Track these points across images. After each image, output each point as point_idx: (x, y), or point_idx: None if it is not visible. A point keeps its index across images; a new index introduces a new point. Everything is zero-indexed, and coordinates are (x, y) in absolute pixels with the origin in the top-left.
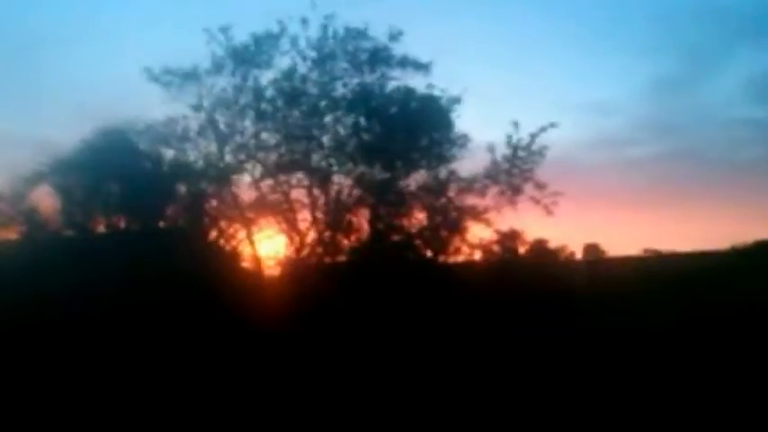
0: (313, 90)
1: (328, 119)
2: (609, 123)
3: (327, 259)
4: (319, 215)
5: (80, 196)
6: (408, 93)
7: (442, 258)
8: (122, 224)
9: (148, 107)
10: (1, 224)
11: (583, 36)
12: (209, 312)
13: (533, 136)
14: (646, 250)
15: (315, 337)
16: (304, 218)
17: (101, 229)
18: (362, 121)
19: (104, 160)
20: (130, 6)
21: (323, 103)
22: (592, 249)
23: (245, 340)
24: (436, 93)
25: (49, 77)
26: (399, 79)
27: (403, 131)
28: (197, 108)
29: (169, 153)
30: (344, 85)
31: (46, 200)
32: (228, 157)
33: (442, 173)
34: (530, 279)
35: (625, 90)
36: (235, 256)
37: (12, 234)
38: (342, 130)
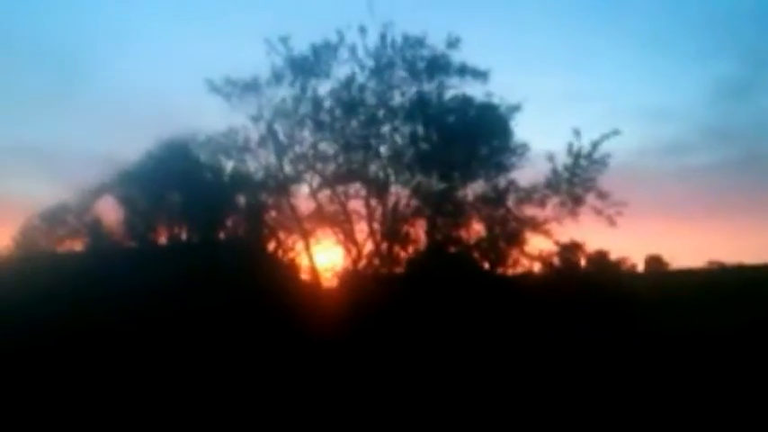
0: (371, 99)
1: (386, 128)
2: (668, 130)
3: (384, 270)
4: (376, 226)
5: (143, 207)
6: (466, 101)
7: (500, 270)
8: (183, 235)
9: (209, 118)
10: (67, 236)
11: (641, 40)
12: (267, 322)
13: (595, 144)
14: (710, 262)
15: (373, 348)
16: (361, 229)
17: (162, 239)
18: (420, 130)
19: (166, 172)
20: (190, 18)
21: (380, 113)
22: (654, 261)
23: (304, 350)
24: (495, 101)
25: (110, 91)
26: (457, 87)
27: (461, 140)
28: (257, 119)
29: (229, 164)
30: (402, 94)
31: (110, 212)
32: (287, 168)
33: (501, 183)
34: (590, 291)
35: (684, 95)
36: (293, 267)
37: (77, 245)
38: (399, 140)
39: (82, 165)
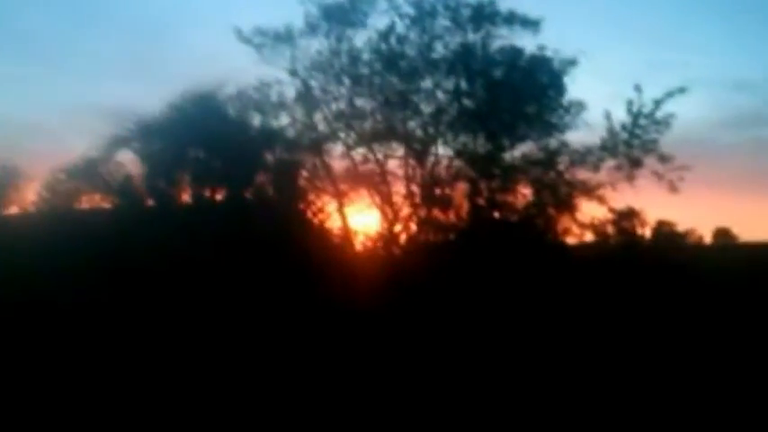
0: (412, 52)
1: (427, 83)
2: (743, 101)
3: (423, 237)
4: (415, 189)
5: (164, 163)
6: (515, 53)
7: (551, 239)
8: (208, 193)
9: (240, 70)
10: (90, 191)
11: (713, 7)
12: (298, 288)
13: (658, 102)
14: None
15: (411, 320)
16: (399, 191)
17: (185, 197)
18: (464, 85)
19: (191, 126)
20: None
21: (422, 66)
22: (722, 234)
23: (335, 318)
24: (547, 54)
25: (134, 40)
26: (506, 39)
27: (509, 97)
28: (291, 72)
29: (259, 119)
30: (445, 45)
31: (130, 166)
32: (321, 125)
33: (552, 144)
34: (654, 263)
35: (762, 66)
36: (326, 229)
37: (102, 201)
38: (441, 96)
39: (103, 118)
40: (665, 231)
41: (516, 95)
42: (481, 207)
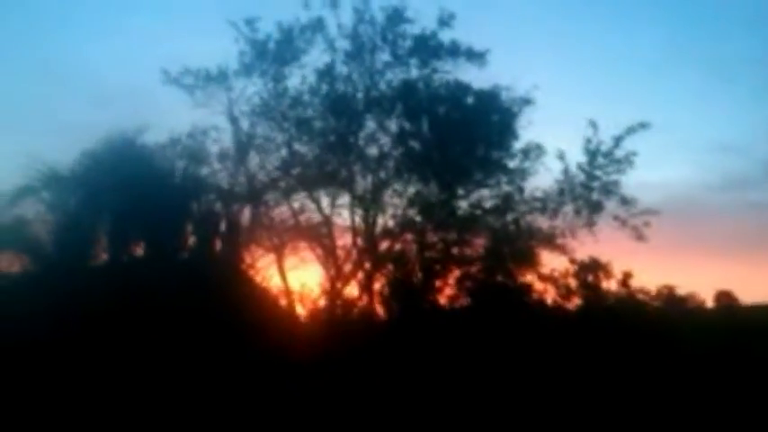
0: (352, 91)
1: (371, 125)
2: (734, 165)
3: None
4: (360, 242)
5: (80, 216)
6: (462, 89)
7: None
8: (136, 252)
9: (170, 114)
10: None
11: (702, 72)
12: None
13: (618, 139)
14: None
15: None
16: (344, 243)
17: (104, 256)
18: (408, 125)
19: (109, 175)
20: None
21: (363, 107)
22: (724, 297)
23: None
24: (498, 90)
25: (42, 81)
26: (450, 74)
27: (459, 137)
28: (226, 116)
29: (193, 168)
30: (388, 83)
31: (38, 220)
32: (261, 174)
33: (509, 190)
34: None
35: (750, 130)
36: (261, 286)
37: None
38: (385, 139)
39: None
40: (665, 294)
41: (466, 136)
42: (431, 261)
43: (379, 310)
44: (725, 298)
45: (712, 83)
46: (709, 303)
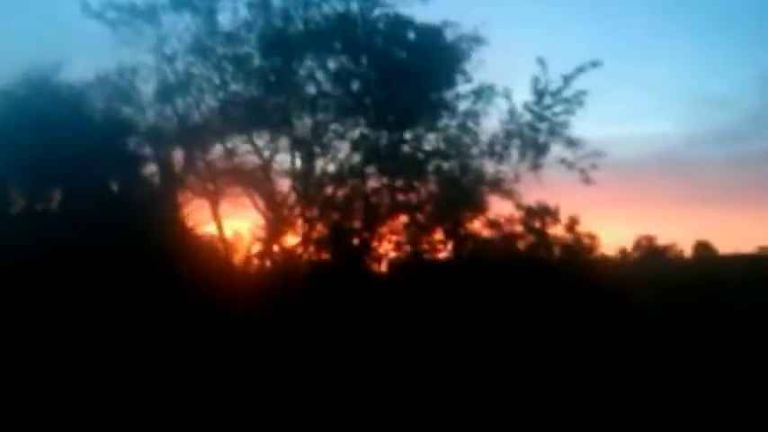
0: (286, 25)
1: (309, 63)
2: (720, 118)
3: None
4: (300, 188)
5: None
6: (403, 24)
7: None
8: (56, 199)
9: (94, 53)
10: None
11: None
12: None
13: (567, 78)
14: (761, 248)
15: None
16: (282, 190)
17: (21, 201)
18: (347, 63)
19: (25, 116)
20: None
21: (299, 43)
22: (702, 248)
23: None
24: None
25: None
26: (390, 7)
27: (404, 77)
28: (155, 54)
29: (121, 109)
30: (324, 17)
31: None
32: (196, 115)
33: (455, 133)
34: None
35: (737, 82)
36: (194, 234)
37: None
38: (323, 78)
39: None
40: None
41: (410, 76)
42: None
43: (320, 258)
44: (702, 249)
45: (701, 34)
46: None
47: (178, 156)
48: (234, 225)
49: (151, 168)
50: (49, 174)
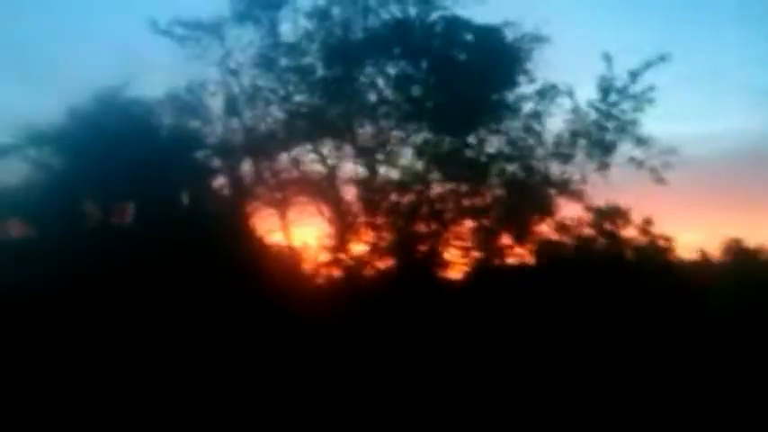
0: (346, 34)
1: (370, 70)
2: None
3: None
4: (366, 195)
5: (64, 175)
6: (457, 24)
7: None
8: (129, 213)
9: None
10: None
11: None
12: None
13: (634, 74)
14: None
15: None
16: (348, 198)
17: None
18: (407, 68)
19: (100, 133)
20: None
21: (358, 50)
22: None
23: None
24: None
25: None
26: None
27: (464, 81)
28: (221, 68)
29: (189, 123)
30: (385, 23)
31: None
32: (262, 126)
33: (521, 136)
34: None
35: None
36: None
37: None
38: (383, 84)
39: None
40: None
41: (471, 78)
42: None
43: (386, 265)
44: None
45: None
46: None
47: (246, 167)
48: (301, 233)
49: (220, 180)
50: (122, 188)
